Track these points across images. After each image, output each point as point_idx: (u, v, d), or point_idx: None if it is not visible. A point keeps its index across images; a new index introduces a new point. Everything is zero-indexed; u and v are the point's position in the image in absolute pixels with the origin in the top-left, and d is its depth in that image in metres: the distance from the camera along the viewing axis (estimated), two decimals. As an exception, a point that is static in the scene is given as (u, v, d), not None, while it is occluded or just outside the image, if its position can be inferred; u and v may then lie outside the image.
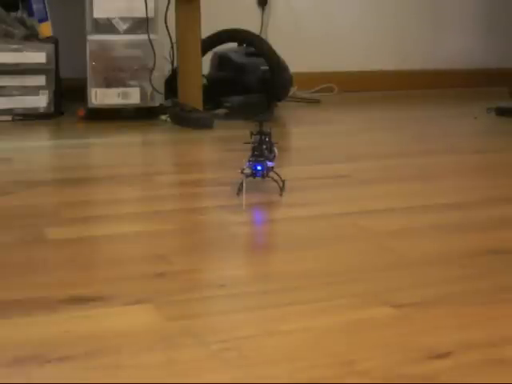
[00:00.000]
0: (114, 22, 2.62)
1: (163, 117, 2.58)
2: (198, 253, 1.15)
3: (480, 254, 1.13)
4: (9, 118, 2.58)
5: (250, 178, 1.49)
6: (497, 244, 1.19)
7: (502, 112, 2.75)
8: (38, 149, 2.13)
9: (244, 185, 1.44)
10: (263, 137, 1.53)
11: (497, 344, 0.81)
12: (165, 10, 2.66)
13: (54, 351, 0.78)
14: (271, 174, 1.51)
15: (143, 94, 2.63)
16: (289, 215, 1.36)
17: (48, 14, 2.72)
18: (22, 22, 2.69)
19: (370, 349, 0.79)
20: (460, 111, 2.97)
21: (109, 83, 2.61)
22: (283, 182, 1.51)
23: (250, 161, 1.50)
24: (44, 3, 2.72)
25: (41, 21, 2.70)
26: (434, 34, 3.79)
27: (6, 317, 0.88)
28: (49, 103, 2.63)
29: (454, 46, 3.83)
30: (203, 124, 2.44)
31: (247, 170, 1.48)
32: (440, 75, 3.77)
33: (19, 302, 0.93)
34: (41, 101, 2.62)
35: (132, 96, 2.62)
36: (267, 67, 2.77)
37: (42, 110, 2.62)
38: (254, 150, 1.51)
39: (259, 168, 1.49)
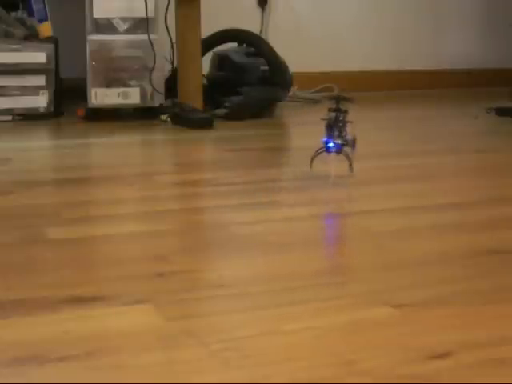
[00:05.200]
0: (114, 22, 2.62)
1: (163, 117, 2.58)
2: (197, 253, 1.15)
3: (480, 254, 1.13)
4: (9, 117, 2.57)
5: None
6: (497, 244, 1.19)
7: (502, 112, 2.74)
8: (38, 149, 2.13)
9: (332, 158, 1.59)
10: (338, 114, 1.61)
11: (497, 344, 0.81)
12: (165, 10, 2.66)
13: (54, 351, 0.78)
14: (344, 151, 1.61)
15: (143, 94, 2.63)
16: (289, 215, 1.36)
17: (48, 14, 2.72)
18: (22, 22, 2.69)
19: (371, 349, 0.79)
20: (460, 111, 2.97)
21: (109, 83, 2.61)
22: (351, 162, 1.61)
23: (327, 136, 1.60)
24: (44, 3, 2.71)
25: (41, 21, 2.70)
26: (434, 34, 3.79)
27: (5, 317, 0.88)
28: (49, 103, 2.63)
29: (454, 46, 3.83)
30: (203, 124, 2.44)
31: (328, 144, 1.59)
32: (440, 75, 3.77)
33: (19, 301, 0.93)
34: (41, 101, 2.62)
35: (132, 96, 2.62)
36: (267, 67, 2.77)
37: (42, 110, 2.62)
38: (329, 126, 1.59)
39: (332, 145, 1.60)
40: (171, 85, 2.69)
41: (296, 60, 3.07)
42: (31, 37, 2.65)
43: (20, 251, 1.14)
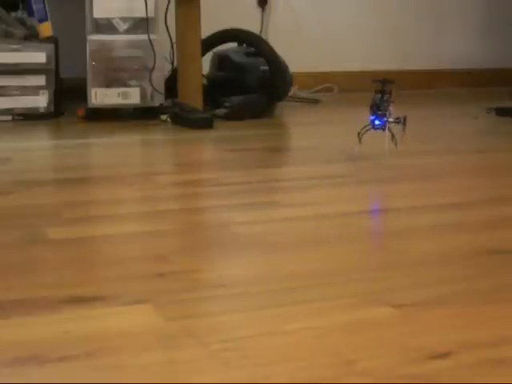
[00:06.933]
0: (114, 22, 2.62)
1: (163, 117, 2.58)
2: (197, 253, 1.15)
3: (480, 254, 1.13)
4: (9, 117, 2.58)
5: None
6: (497, 244, 1.19)
7: (502, 112, 2.74)
8: (38, 149, 2.13)
9: (388, 133, 1.77)
10: (382, 95, 1.77)
11: (497, 344, 0.81)
12: (165, 10, 2.66)
13: (54, 351, 0.78)
14: (389, 127, 1.78)
15: (143, 94, 2.63)
16: (289, 215, 1.36)
17: (48, 14, 2.72)
18: (22, 22, 2.69)
19: (370, 349, 0.79)
20: (460, 111, 2.97)
21: (109, 83, 2.61)
22: (393, 135, 1.79)
23: (372, 115, 1.76)
24: (44, 3, 2.72)
25: (41, 21, 2.70)
26: (434, 34, 3.79)
27: (5, 317, 0.88)
28: (49, 103, 2.63)
29: (454, 46, 3.83)
30: (203, 124, 2.44)
31: (375, 122, 1.76)
32: (440, 75, 3.77)
33: (19, 301, 0.93)
34: (41, 101, 2.62)
35: (132, 96, 2.62)
36: (267, 67, 2.77)
37: (42, 110, 2.62)
38: (375, 106, 1.76)
39: (378, 122, 1.77)
40: (171, 85, 2.69)
41: (296, 60, 3.07)
42: (31, 37, 2.66)
43: (20, 251, 1.14)
